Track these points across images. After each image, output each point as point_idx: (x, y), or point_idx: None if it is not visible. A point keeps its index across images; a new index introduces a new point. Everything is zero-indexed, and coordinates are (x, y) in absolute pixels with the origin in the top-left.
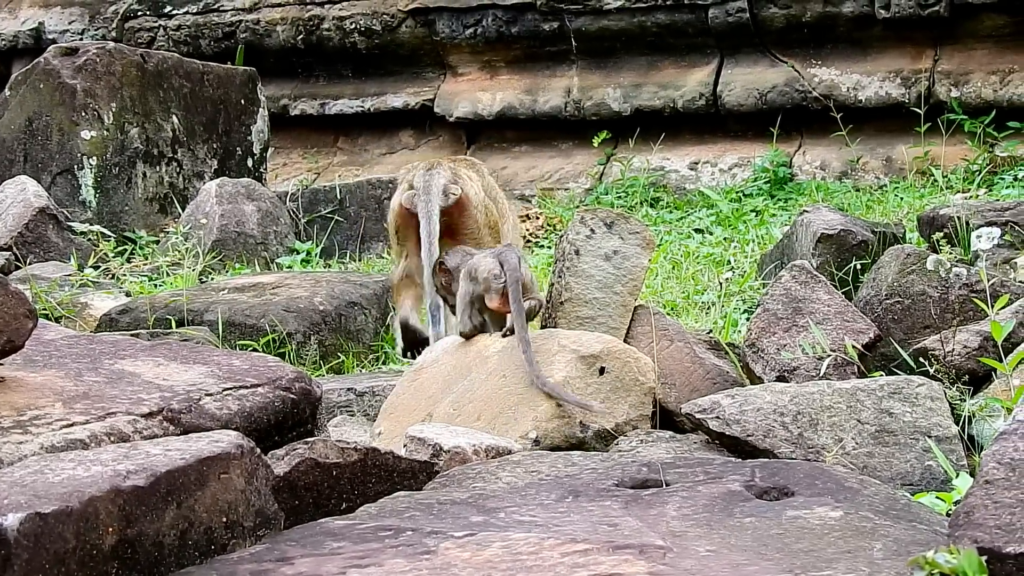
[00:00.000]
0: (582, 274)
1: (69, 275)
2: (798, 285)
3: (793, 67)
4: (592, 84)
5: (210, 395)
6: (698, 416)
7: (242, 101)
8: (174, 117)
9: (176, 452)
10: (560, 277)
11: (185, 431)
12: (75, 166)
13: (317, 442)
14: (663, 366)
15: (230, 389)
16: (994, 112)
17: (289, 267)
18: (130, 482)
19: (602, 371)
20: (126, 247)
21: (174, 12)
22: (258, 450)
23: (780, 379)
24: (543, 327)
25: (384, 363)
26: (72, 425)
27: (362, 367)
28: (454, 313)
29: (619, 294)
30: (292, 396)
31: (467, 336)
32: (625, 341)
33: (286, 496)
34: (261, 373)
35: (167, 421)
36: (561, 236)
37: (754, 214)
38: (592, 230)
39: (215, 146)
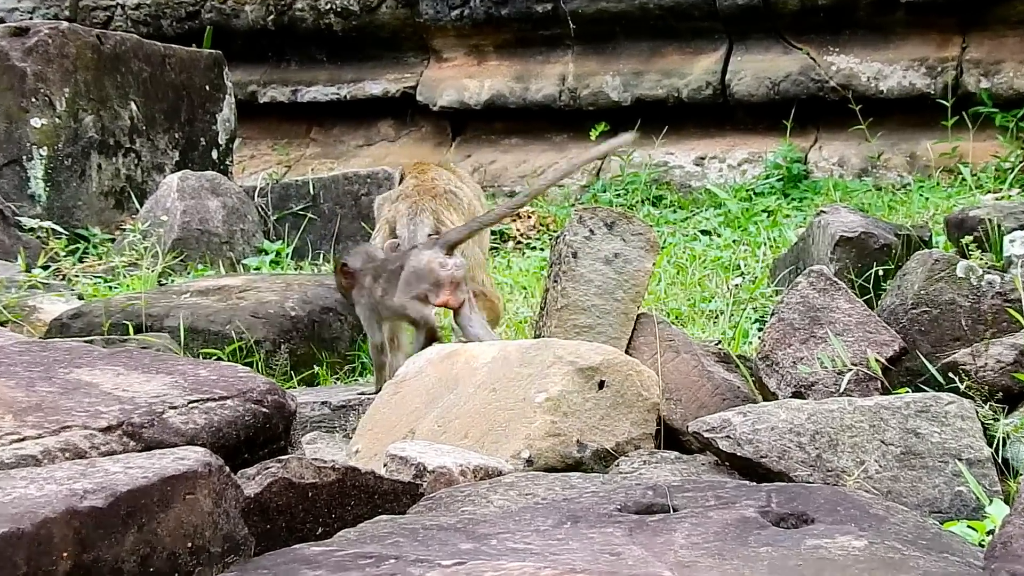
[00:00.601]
0: (580, 279)
1: (16, 276)
2: (816, 292)
3: (808, 54)
4: (589, 71)
5: (174, 408)
6: (706, 435)
7: (207, 87)
8: (132, 104)
9: (138, 470)
10: (556, 282)
11: (147, 447)
12: (24, 157)
13: (291, 460)
14: (668, 380)
15: (196, 402)
16: None
17: (257, 269)
18: (87, 502)
19: (601, 385)
20: (79, 245)
21: None
22: (227, 469)
23: (796, 395)
24: (536, 336)
25: (362, 374)
26: (23, 440)
27: (338, 379)
28: (361, 322)
29: (620, 301)
30: (264, 410)
31: (378, 347)
32: (627, 352)
33: (257, 519)
34: (230, 384)
35: (127, 436)
36: (557, 237)
37: (766, 214)
38: (591, 231)
39: (177, 136)
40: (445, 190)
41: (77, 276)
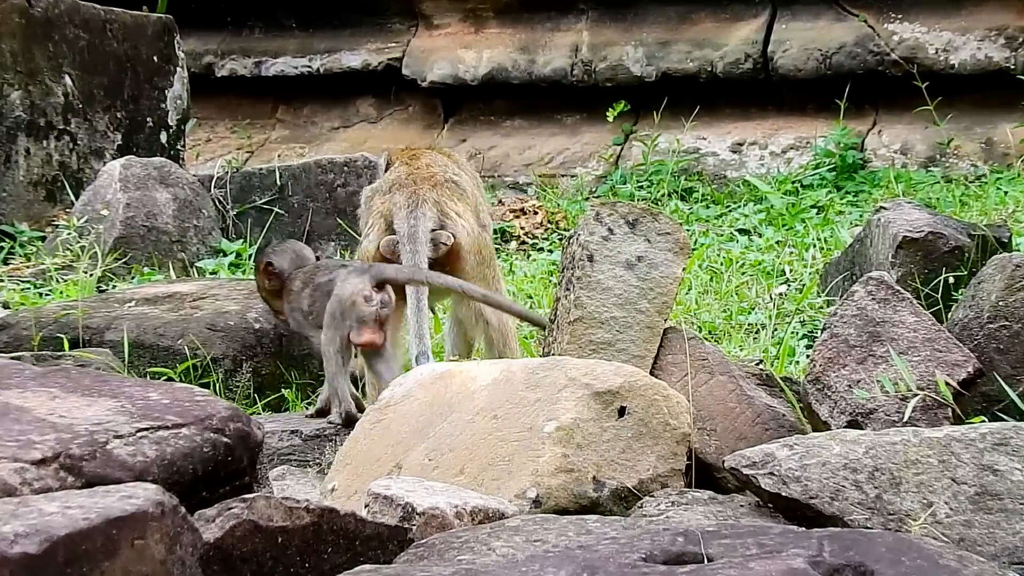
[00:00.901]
0: (597, 286)
1: None
2: (876, 303)
3: (866, 21)
4: (607, 41)
5: (120, 437)
6: (746, 471)
7: (155, 58)
8: (67, 78)
9: (78, 511)
10: (568, 290)
11: (88, 483)
12: None
13: (258, 500)
14: (701, 406)
15: (146, 430)
16: None
17: (214, 273)
18: (18, 548)
19: (622, 412)
20: (2, 245)
21: None
22: (182, 509)
23: (852, 425)
24: (545, 354)
25: None
26: None
27: (310, 403)
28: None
29: (644, 312)
30: (226, 440)
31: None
32: (652, 373)
33: (218, 569)
34: (186, 410)
35: (65, 470)
36: (569, 237)
37: (815, 211)
38: (610, 230)
39: (120, 116)
40: (446, 179)
41: (2, 280)
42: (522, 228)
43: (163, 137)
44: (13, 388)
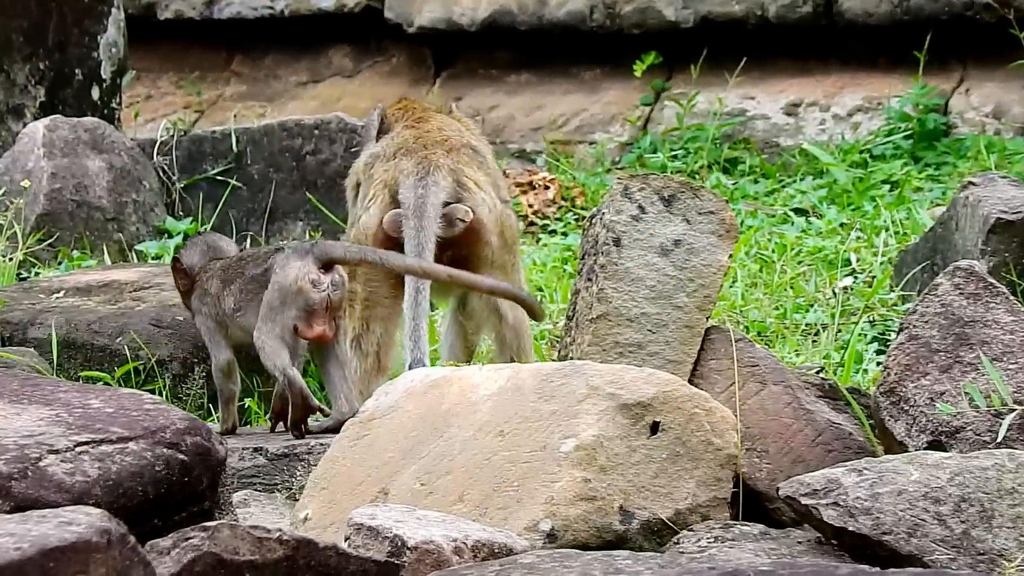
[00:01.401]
0: (625, 276)
1: None
2: (964, 299)
3: None
4: None
5: (56, 452)
6: (805, 501)
7: None
8: None
9: (7, 539)
10: (590, 281)
11: (18, 507)
12: None
13: (221, 528)
14: (750, 422)
15: (87, 444)
16: None
17: (157, 257)
18: None
19: (655, 428)
20: None
21: None
22: (132, 539)
23: (934, 445)
24: (562, 357)
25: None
26: None
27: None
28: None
29: (683, 308)
30: (182, 457)
31: (224, 371)
32: (690, 381)
33: None
34: (134, 420)
35: None
36: (592, 217)
37: (888, 187)
38: (641, 208)
39: (42, 67)
40: (463, 143)
41: None
42: (530, 206)
43: (95, 93)
44: None
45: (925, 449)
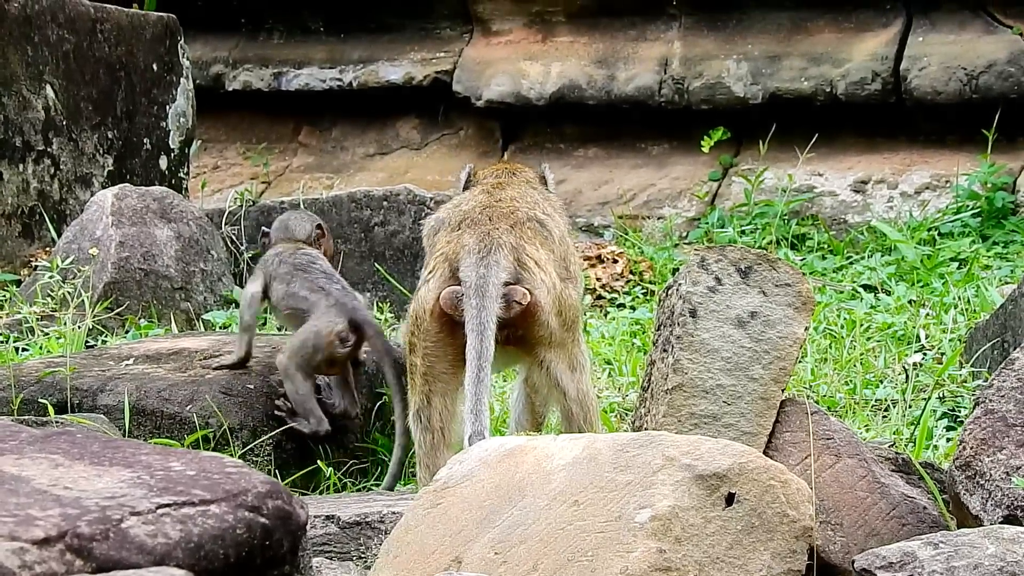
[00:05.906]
0: (701, 347)
1: None
2: None
3: (1021, 34)
4: (703, 53)
5: (137, 514)
6: (881, 574)
7: (154, 66)
8: (49, 88)
9: None
10: (666, 352)
11: (100, 568)
12: None
13: None
14: (824, 495)
15: (168, 506)
16: None
17: (225, 327)
18: None
19: (731, 499)
20: None
21: None
22: None
23: (1010, 520)
24: (636, 428)
25: (381, 475)
26: None
27: (349, 482)
28: None
29: (758, 380)
30: (263, 520)
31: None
32: (765, 453)
33: None
34: (215, 483)
35: (72, 552)
36: (667, 288)
37: (956, 264)
38: (718, 279)
39: (111, 135)
40: (529, 217)
41: None
42: (598, 279)
43: (163, 162)
44: (7, 454)
45: (1001, 523)
